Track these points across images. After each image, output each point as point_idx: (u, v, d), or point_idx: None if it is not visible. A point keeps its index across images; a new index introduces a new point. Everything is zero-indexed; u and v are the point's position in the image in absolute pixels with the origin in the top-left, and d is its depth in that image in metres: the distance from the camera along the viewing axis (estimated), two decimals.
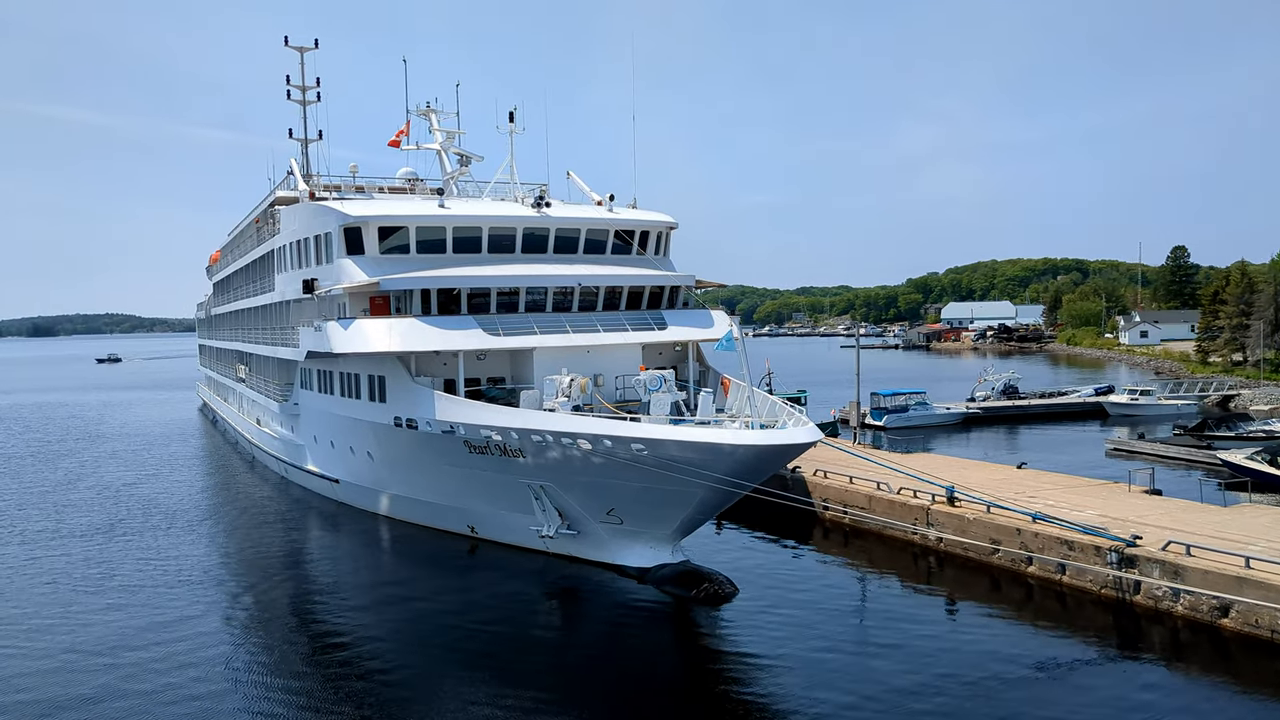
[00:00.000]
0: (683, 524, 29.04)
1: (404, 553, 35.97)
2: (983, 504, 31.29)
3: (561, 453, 28.69)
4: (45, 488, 50.44)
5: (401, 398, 34.11)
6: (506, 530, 33.80)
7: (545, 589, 31.00)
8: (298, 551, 37.02)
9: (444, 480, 34.43)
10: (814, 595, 29.43)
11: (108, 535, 38.68)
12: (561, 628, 28.24)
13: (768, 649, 24.55)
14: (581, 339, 34.61)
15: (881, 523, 34.47)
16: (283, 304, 45.53)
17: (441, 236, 36.76)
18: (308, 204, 40.62)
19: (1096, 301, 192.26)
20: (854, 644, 24.91)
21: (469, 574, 33.37)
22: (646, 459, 26.39)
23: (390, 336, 33.17)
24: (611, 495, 29.01)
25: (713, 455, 25.22)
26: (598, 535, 30.83)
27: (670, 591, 28.50)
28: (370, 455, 37.90)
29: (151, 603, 29.41)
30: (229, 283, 66.57)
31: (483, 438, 30.68)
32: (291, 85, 52.05)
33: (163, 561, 34.46)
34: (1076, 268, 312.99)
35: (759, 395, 34.02)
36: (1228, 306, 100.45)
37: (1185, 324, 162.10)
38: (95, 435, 75.20)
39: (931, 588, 29.83)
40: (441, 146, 46.22)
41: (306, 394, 44.04)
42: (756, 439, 24.82)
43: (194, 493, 48.88)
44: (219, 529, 40.17)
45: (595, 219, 39.22)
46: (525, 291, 35.73)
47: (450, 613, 28.26)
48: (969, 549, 30.99)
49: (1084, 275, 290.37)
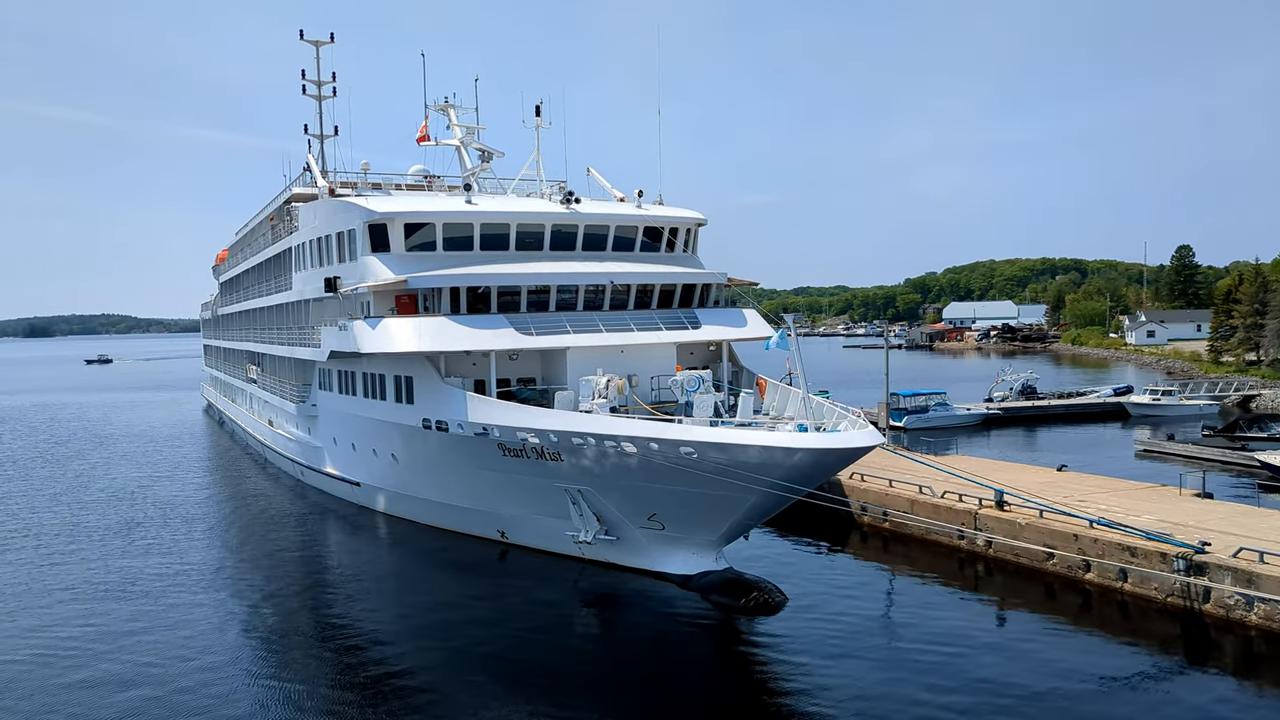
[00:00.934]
0: (729, 530, 28.06)
1: (431, 558, 34.91)
2: (1034, 508, 30.31)
3: (603, 456, 27.68)
4: (57, 490, 49.33)
5: (430, 399, 33.06)
6: (539, 535, 32.78)
7: (581, 596, 30.00)
8: (319, 557, 35.98)
9: (474, 484, 33.40)
10: (862, 604, 28.48)
11: (126, 539, 37.66)
12: (600, 637, 27.20)
13: (819, 662, 23.59)
14: (615, 338, 33.61)
15: (925, 527, 33.48)
16: (301, 303, 44.45)
17: (469, 234, 35.73)
18: (329, 200, 39.56)
19: (1101, 301, 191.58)
20: (909, 655, 23.90)
21: (500, 580, 32.31)
22: (696, 463, 25.39)
23: (420, 336, 32.14)
24: (654, 500, 28.01)
25: (769, 459, 24.21)
26: (637, 541, 29.83)
27: (716, 600, 27.48)
28: (394, 458, 36.85)
29: (171, 611, 28.48)
30: (239, 282, 65.44)
31: (518, 440, 29.65)
32: (307, 80, 51.00)
33: (182, 567, 33.46)
34: (1075, 267, 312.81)
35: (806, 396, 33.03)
36: (1242, 306, 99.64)
37: (1192, 324, 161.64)
38: (102, 437, 74.02)
39: (982, 595, 28.89)
40: (461, 142, 45.22)
41: (325, 395, 42.97)
42: (817, 442, 23.81)
43: (208, 496, 47.83)
44: (236, 533, 39.15)
45: (625, 215, 38.22)
46: (556, 290, 34.71)
47: (481, 621, 27.22)
48: (1021, 555, 30.02)
49: (1082, 275, 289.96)
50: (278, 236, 49.59)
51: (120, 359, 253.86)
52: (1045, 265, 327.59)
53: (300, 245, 43.13)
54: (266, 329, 53.77)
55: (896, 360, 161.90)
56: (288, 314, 47.91)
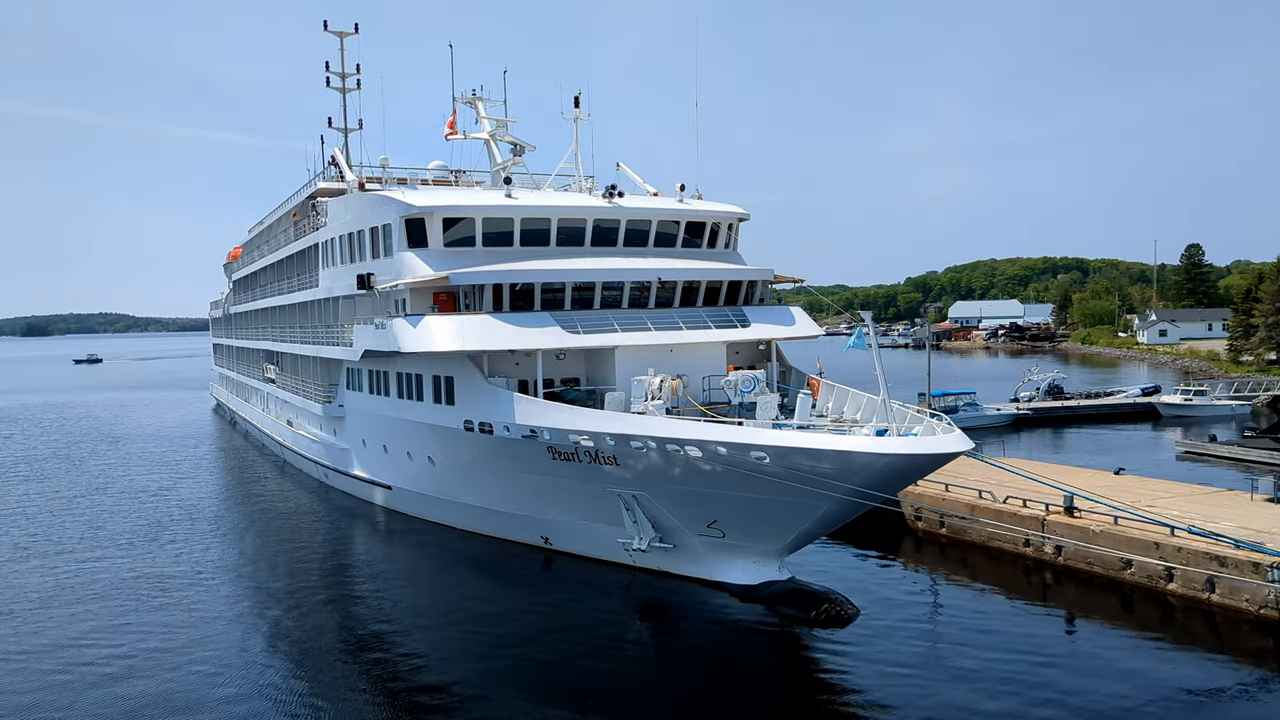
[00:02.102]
0: (796, 539, 26.80)
1: (471, 565, 33.62)
2: (1108, 514, 29.07)
3: (663, 460, 26.40)
4: (75, 492, 47.96)
5: (473, 400, 31.77)
6: (587, 542, 31.51)
7: (634, 607, 28.73)
8: (349, 563, 34.70)
9: (517, 488, 32.12)
10: (928, 613, 27.37)
11: (152, 543, 36.41)
12: (656, 651, 25.80)
13: (890, 676, 22.46)
14: (665, 337, 32.35)
15: (987, 534, 32.24)
16: (329, 301, 43.12)
17: (509, 229, 34.48)
18: (360, 194, 38.26)
19: (1109, 300, 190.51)
20: (987, 668, 22.69)
21: (545, 590, 31.04)
22: (767, 468, 24.11)
23: (465, 335, 30.85)
24: (716, 506, 26.74)
25: (850, 464, 22.91)
26: (694, 549, 28.56)
27: (785, 612, 26.20)
28: (431, 460, 35.55)
29: (200, 621, 27.39)
30: (255, 279, 64.07)
31: (570, 443, 28.37)
32: (331, 72, 49.59)
33: (210, 572, 32.38)
34: (1076, 266, 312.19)
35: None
36: (1263, 305, 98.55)
37: (1203, 323, 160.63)
38: (115, 437, 72.56)
39: (1054, 605, 27.70)
40: (491, 135, 43.97)
41: (354, 395, 41.67)
42: (905, 447, 22.53)
43: (230, 499, 46.55)
44: (262, 538, 37.93)
45: (667, 209, 36.97)
46: (601, 286, 33.44)
47: (528, 634, 25.94)
48: (1094, 563, 28.78)
49: (1084, 274, 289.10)
50: (301, 232, 48.26)
51: (113, 359, 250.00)
52: (1046, 264, 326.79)
53: (329, 241, 41.81)
54: (287, 327, 52.40)
55: (906, 359, 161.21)
56: (312, 312, 46.57)
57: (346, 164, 43.03)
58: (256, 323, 64.58)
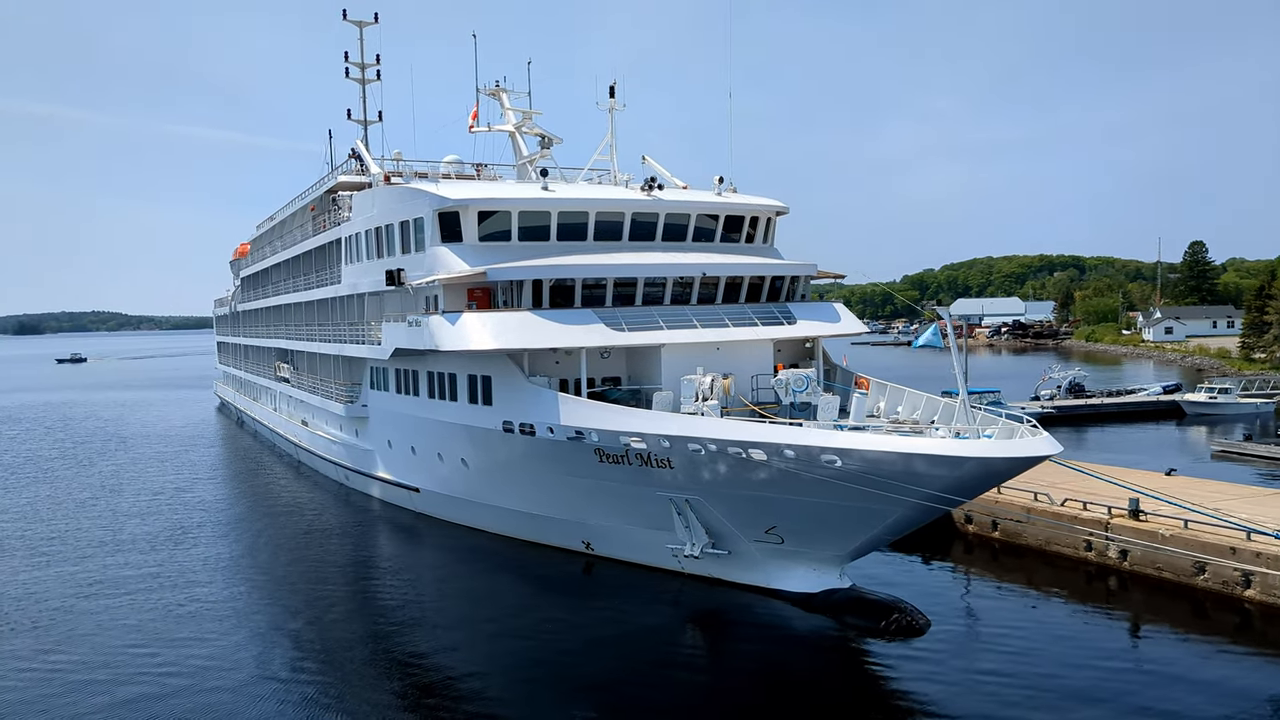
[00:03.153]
0: (862, 546, 25.71)
1: (506, 571, 32.32)
2: (1177, 517, 28.04)
3: (722, 463, 25.27)
4: (87, 495, 46.61)
5: (513, 400, 30.60)
6: (631, 547, 30.39)
7: (685, 616, 27.65)
8: (377, 569, 33.47)
9: (558, 491, 30.97)
10: (998, 624, 26.03)
11: (175, 547, 35.25)
12: (711, 662, 24.54)
13: (974, 692, 21.26)
14: (712, 334, 31.24)
15: (1044, 537, 31.21)
16: (353, 298, 41.88)
17: (545, 222, 33.32)
18: (389, 187, 37.07)
19: (1113, 298, 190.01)
20: (1068, 679, 21.67)
21: (588, 597, 29.91)
22: (838, 472, 23.00)
23: (507, 333, 29.69)
24: (776, 511, 25.62)
25: (930, 469, 21.82)
26: (749, 556, 27.45)
27: (852, 623, 25.10)
28: (464, 463, 34.37)
29: (229, 630, 26.22)
30: (267, 276, 62.73)
31: (621, 445, 27.22)
32: (350, 63, 48.31)
33: (234, 581, 31.16)
34: (1073, 264, 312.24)
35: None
36: (1276, 302, 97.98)
37: (1207, 320, 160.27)
38: (122, 437, 71.10)
39: (1122, 611, 26.61)
40: (516, 127, 42.82)
41: (379, 395, 40.46)
42: (993, 451, 21.42)
43: (248, 500, 45.32)
44: (284, 541, 36.80)
45: (706, 203, 35.85)
46: (644, 282, 32.31)
47: (570, 645, 24.77)
48: (1164, 568, 27.75)
49: (1080, 272, 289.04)
50: (320, 227, 47.00)
51: (100, 357, 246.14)
52: (1043, 262, 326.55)
53: (353, 236, 40.57)
54: (305, 325, 51.12)
55: (910, 357, 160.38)
56: (333, 309, 45.29)
57: (371, 156, 41.73)
58: (268, 320, 63.25)
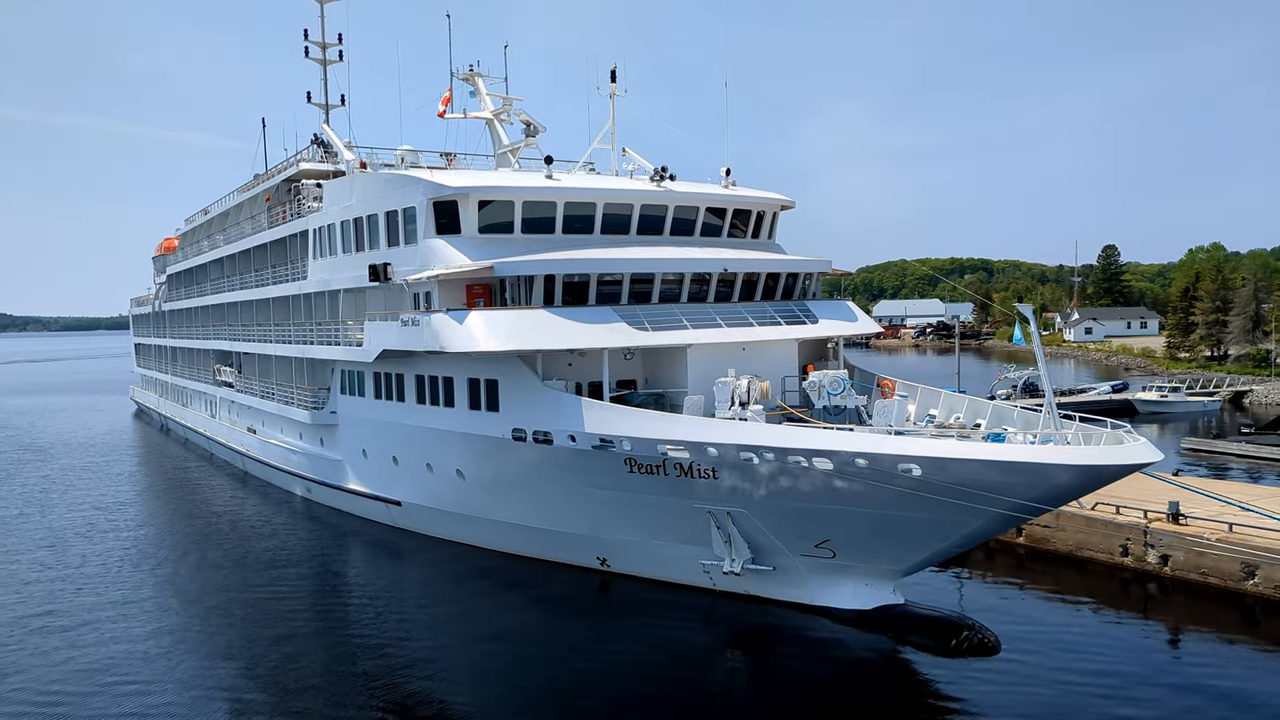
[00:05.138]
0: (925, 560, 24.14)
1: (510, 591, 29.68)
2: (1221, 521, 27.33)
3: (778, 473, 23.39)
4: (11, 513, 42.04)
5: (526, 406, 28.17)
6: (654, 563, 28.27)
7: (722, 636, 25.74)
8: (353, 591, 30.72)
9: (573, 504, 28.65)
10: (1056, 640, 24.77)
11: (117, 567, 31.67)
12: (755, 687, 22.57)
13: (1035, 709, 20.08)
14: (739, 334, 29.38)
15: (1075, 542, 30.26)
16: (323, 295, 38.59)
17: (551, 214, 30.99)
18: (371, 174, 34.17)
19: (1033, 299, 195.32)
20: (1137, 695, 20.74)
21: (610, 618, 27.73)
22: (917, 482, 21.34)
23: (522, 332, 27.27)
24: (832, 523, 23.86)
25: (1020, 478, 20.29)
26: (794, 570, 25.64)
27: (915, 642, 23.48)
28: (460, 474, 31.69)
29: (170, 657, 23.52)
30: (204, 273, 58.27)
31: (658, 454, 25.10)
32: (310, 41, 44.73)
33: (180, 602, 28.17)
34: (982, 267, 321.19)
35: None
36: (1203, 303, 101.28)
37: (1122, 321, 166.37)
38: (38, 448, 65.08)
39: (1162, 619, 25.78)
40: (495, 115, 40.24)
41: (352, 401, 37.34)
42: (1096, 458, 19.99)
43: (194, 515, 41.40)
44: (243, 558, 33.64)
45: (715, 195, 34.03)
46: (661, 278, 30.24)
47: (594, 670, 22.78)
48: (1210, 574, 26.98)
49: (989, 274, 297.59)
50: (277, 219, 43.45)
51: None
52: (954, 265, 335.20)
53: (324, 228, 37.33)
54: (258, 325, 47.31)
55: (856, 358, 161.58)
56: (295, 307, 41.81)
57: (341, 142, 38.56)
58: (205, 320, 58.79)
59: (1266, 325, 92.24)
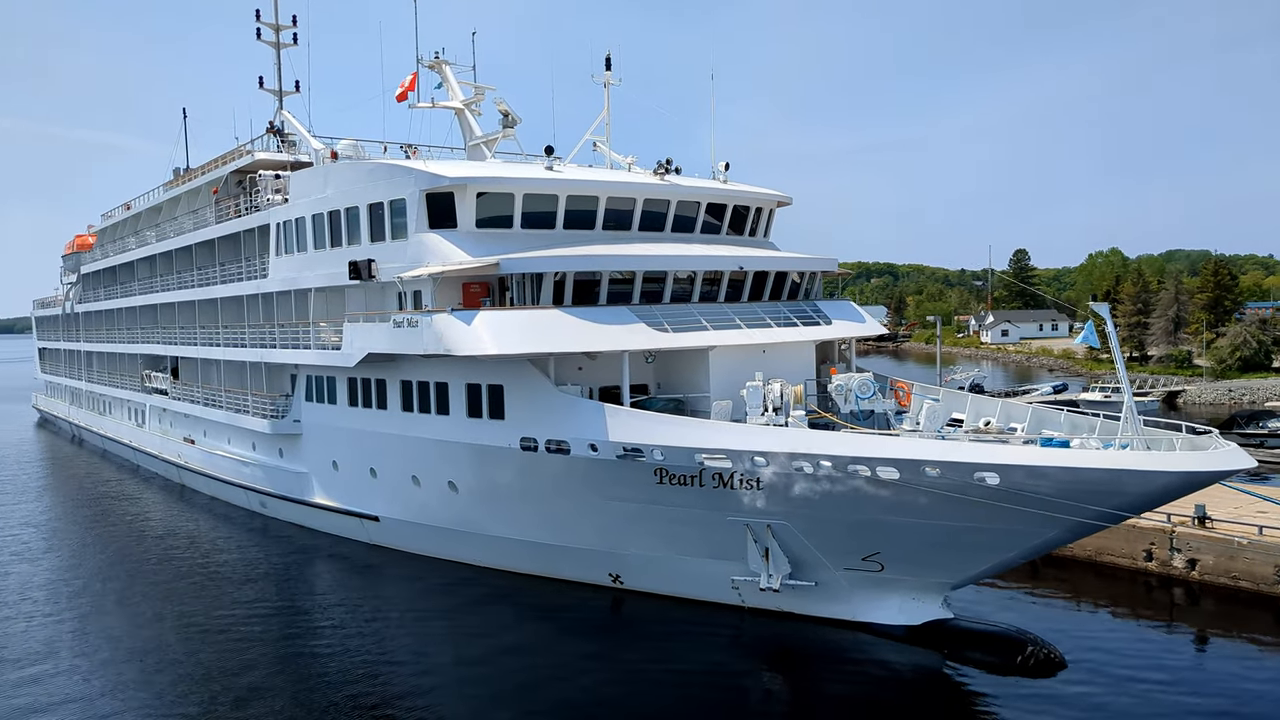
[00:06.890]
0: (983, 572, 22.98)
1: (510, 609, 27.37)
2: (1246, 523, 27.04)
3: (832, 483, 21.91)
4: None
5: (537, 412, 26.06)
6: (674, 579, 26.50)
7: (753, 655, 24.15)
8: (334, 612, 27.87)
9: (586, 518, 26.68)
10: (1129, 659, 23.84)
11: (46, 600, 28.23)
12: (795, 709, 21.11)
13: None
14: (760, 336, 27.85)
15: (1094, 547, 29.69)
16: (287, 294, 35.49)
17: (552, 208, 29.00)
18: (350, 163, 31.58)
19: (947, 302, 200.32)
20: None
21: (627, 639, 25.73)
22: (992, 491, 20.12)
23: (536, 334, 25.17)
24: (884, 535, 22.50)
25: (1111, 486, 19.23)
26: (835, 585, 24.21)
27: (976, 659, 22.28)
28: (452, 486, 29.33)
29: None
30: (130, 271, 53.84)
31: (695, 464, 23.36)
32: (262, 23, 41.44)
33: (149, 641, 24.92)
34: (887, 271, 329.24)
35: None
36: (1124, 306, 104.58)
37: (1034, 323, 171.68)
38: None
39: (1192, 627, 25.34)
40: (465, 104, 37.86)
41: (322, 409, 34.45)
42: (1187, 465, 19.01)
43: (132, 534, 37.73)
44: (198, 581, 30.67)
45: (717, 191, 32.52)
46: (673, 277, 28.53)
47: (614, 693, 21.22)
48: (1241, 577, 26.64)
49: (895, 278, 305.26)
50: (226, 213, 40.06)
51: None
52: (860, 269, 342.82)
53: (291, 222, 34.34)
54: (202, 327, 43.63)
55: None
56: (251, 308, 38.52)
57: (304, 130, 35.64)
58: (131, 322, 54.35)
59: (1187, 327, 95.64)
